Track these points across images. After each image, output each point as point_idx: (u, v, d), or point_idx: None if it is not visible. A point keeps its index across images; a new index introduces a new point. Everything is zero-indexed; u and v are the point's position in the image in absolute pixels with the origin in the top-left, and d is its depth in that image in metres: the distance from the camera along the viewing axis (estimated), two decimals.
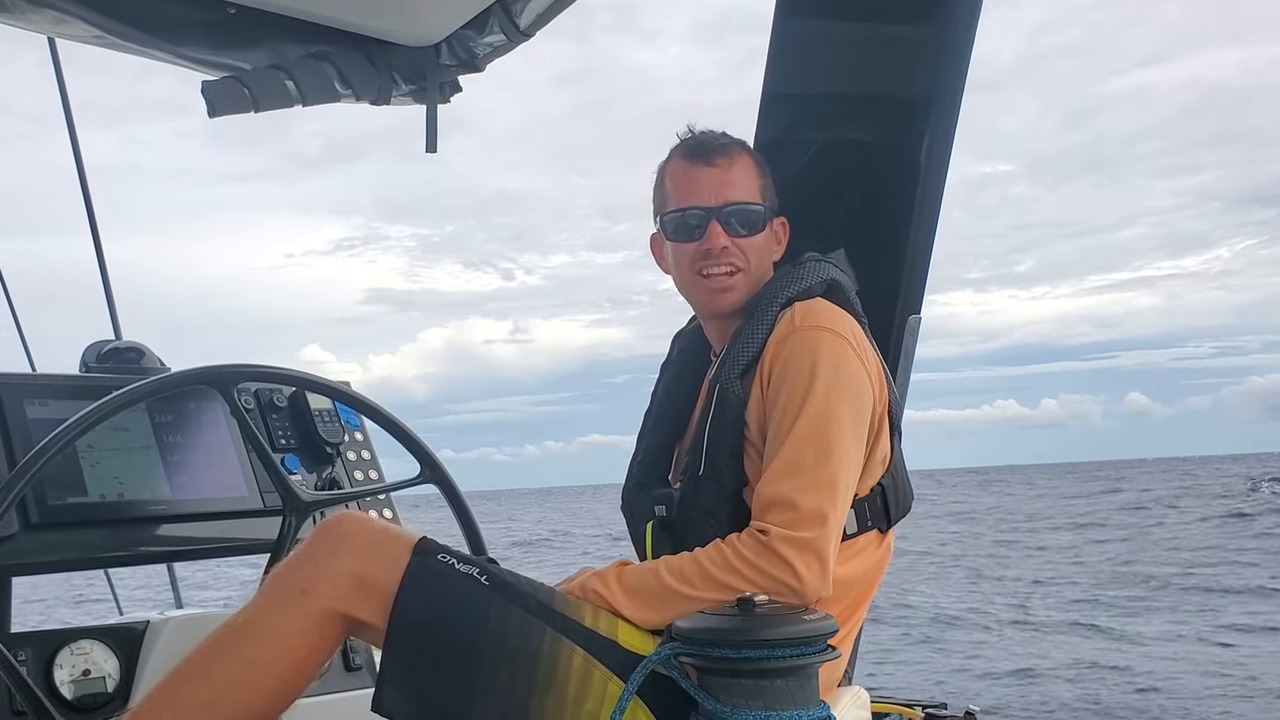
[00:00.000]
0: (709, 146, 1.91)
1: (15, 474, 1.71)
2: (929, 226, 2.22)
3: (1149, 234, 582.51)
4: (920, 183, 2.20)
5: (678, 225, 1.90)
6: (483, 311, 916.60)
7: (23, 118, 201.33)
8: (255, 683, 1.56)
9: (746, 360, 1.79)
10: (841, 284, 1.87)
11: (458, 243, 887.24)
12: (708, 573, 1.60)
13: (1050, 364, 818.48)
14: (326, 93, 2.49)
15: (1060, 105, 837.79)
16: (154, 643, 1.99)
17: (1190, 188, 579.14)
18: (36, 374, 2.28)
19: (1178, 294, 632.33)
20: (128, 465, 2.08)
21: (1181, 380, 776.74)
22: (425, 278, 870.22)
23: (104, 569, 2.65)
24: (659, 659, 1.48)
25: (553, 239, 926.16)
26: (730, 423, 1.77)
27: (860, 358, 1.76)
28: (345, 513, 1.69)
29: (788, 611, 1.46)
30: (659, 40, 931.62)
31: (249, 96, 2.38)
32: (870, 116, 2.30)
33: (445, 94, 2.65)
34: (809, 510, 1.62)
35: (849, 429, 1.70)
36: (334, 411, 2.37)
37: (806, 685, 1.44)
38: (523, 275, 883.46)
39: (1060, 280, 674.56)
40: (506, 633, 1.55)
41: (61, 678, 1.89)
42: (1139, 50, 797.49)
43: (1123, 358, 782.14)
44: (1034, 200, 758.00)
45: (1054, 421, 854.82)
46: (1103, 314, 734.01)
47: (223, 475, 2.19)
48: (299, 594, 1.58)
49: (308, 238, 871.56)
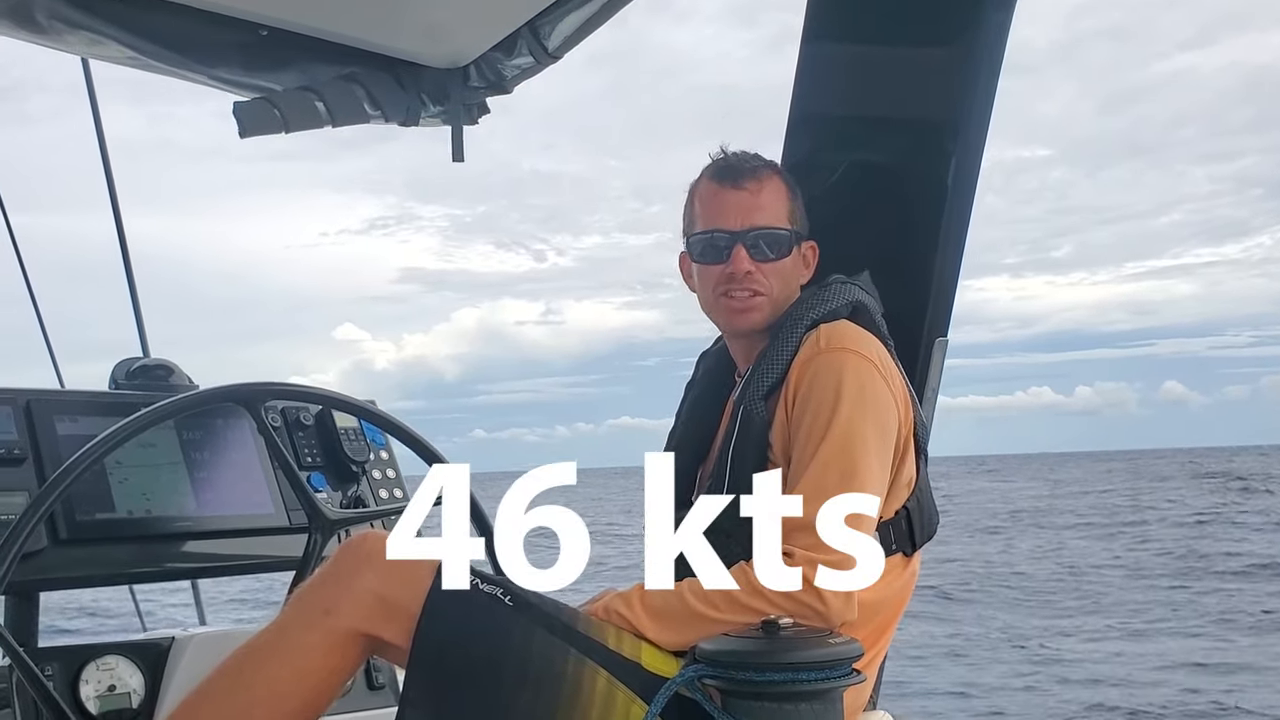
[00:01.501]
0: (738, 169, 1.91)
1: (45, 489, 1.73)
2: (956, 249, 2.21)
3: (1188, 220, 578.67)
4: (947, 205, 2.19)
5: (704, 248, 1.90)
6: (515, 292, 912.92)
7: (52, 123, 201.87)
8: (278, 702, 1.56)
9: (771, 382, 1.78)
10: (867, 306, 1.87)
11: (490, 223, 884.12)
12: (731, 595, 1.59)
13: (1086, 351, 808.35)
14: (356, 114, 2.51)
15: (1099, 89, 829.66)
16: (179, 659, 2.00)
17: (1231, 174, 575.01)
18: (66, 390, 2.31)
19: (1217, 281, 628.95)
20: (155, 482, 2.09)
21: (1219, 369, 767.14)
22: (458, 258, 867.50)
23: (129, 585, 2.67)
24: (682, 681, 1.47)
25: (585, 220, 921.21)
26: (754, 444, 1.77)
27: (885, 380, 1.75)
28: (369, 532, 1.70)
29: (813, 635, 1.45)
30: (693, 20, 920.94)
31: (279, 117, 2.41)
32: (897, 139, 2.30)
33: (473, 115, 2.67)
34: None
35: (874, 451, 1.69)
36: (360, 430, 2.38)
37: (831, 709, 1.43)
38: (555, 256, 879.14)
39: (1098, 266, 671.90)
40: (530, 654, 1.54)
41: (87, 693, 1.90)
42: (1181, 33, 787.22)
43: (1159, 345, 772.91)
44: (1072, 185, 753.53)
45: (1089, 409, 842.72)
46: (1140, 301, 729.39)
47: (249, 492, 2.21)
48: (322, 613, 1.58)
49: (342, 216, 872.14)
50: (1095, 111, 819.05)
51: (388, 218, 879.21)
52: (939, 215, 2.20)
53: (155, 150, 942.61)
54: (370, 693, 2.18)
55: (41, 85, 61.65)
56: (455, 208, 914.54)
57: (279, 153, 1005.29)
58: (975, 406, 65.47)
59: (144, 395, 2.15)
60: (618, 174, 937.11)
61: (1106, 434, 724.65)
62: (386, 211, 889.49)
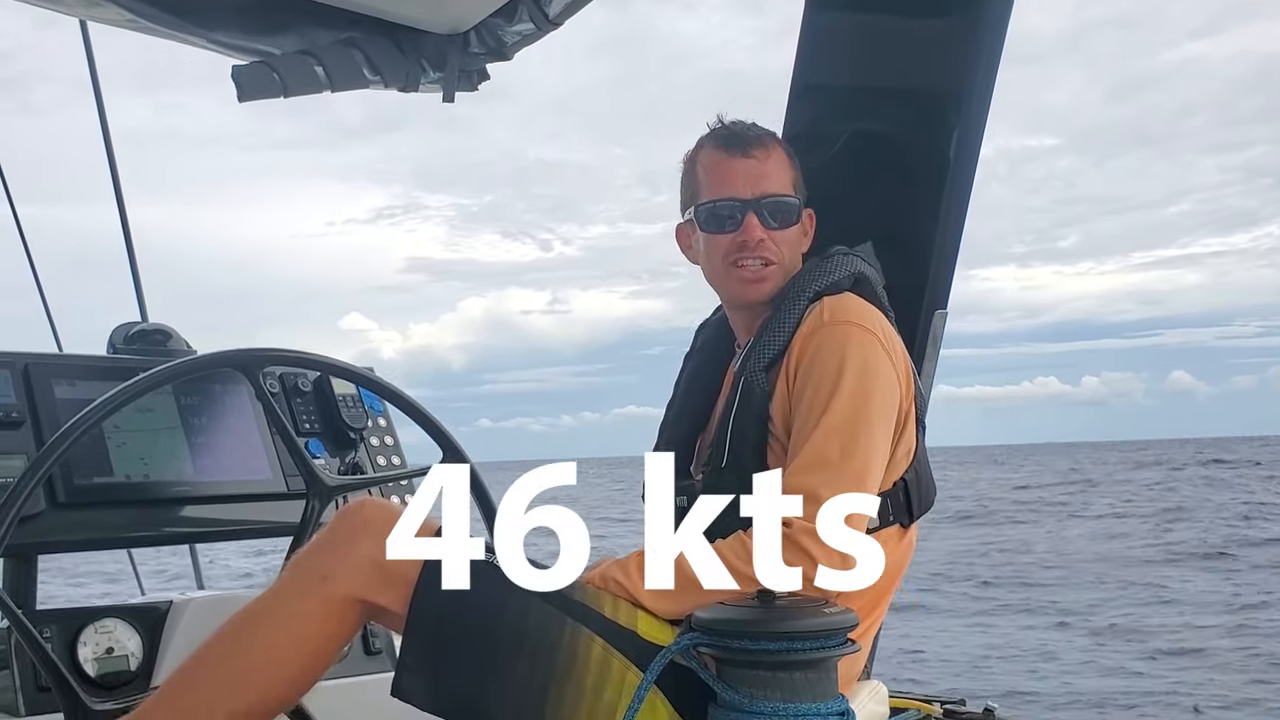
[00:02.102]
0: (744, 137, 1.90)
1: (43, 453, 1.73)
2: (957, 221, 2.21)
3: (1197, 210, 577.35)
4: (949, 177, 2.18)
5: (712, 217, 1.88)
6: (521, 282, 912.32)
7: (54, 87, 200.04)
8: (275, 667, 1.57)
9: (773, 353, 1.78)
10: (869, 278, 1.86)
11: (496, 212, 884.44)
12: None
13: (1093, 341, 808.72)
14: (355, 79, 2.50)
15: (1107, 78, 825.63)
16: (176, 622, 2.01)
17: (1240, 163, 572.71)
18: (64, 354, 2.30)
19: (1225, 271, 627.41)
20: (153, 446, 2.09)
21: (1226, 359, 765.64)
22: (464, 247, 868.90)
23: (127, 549, 2.68)
24: (678, 649, 1.48)
25: (591, 209, 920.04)
26: (754, 416, 1.77)
27: (888, 353, 1.75)
28: (366, 499, 1.70)
29: (808, 605, 1.46)
30: (699, 8, 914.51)
31: (278, 81, 2.39)
32: (899, 110, 2.29)
33: (473, 82, 2.66)
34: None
35: (876, 425, 1.70)
36: (358, 397, 2.38)
37: (825, 679, 1.44)
38: (561, 246, 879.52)
39: (1105, 256, 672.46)
40: (526, 622, 1.55)
41: (85, 655, 1.91)
42: (1190, 21, 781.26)
43: (1167, 335, 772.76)
44: (1079, 174, 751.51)
45: (1095, 399, 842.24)
46: (1148, 291, 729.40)
47: (247, 458, 2.21)
48: (319, 580, 1.59)
49: (348, 206, 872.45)
50: (1103, 100, 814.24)
51: (394, 207, 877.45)
52: (940, 187, 2.19)
53: (161, 140, 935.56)
54: (367, 657, 2.20)
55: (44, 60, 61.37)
56: (461, 197, 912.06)
57: (283, 141, 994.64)
58: (981, 396, 65.07)
59: (142, 360, 2.15)
60: (624, 163, 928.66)
61: (1115, 424, 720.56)
62: (393, 201, 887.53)
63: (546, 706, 1.52)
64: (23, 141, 45.17)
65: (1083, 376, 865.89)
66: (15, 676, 1.86)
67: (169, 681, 1.61)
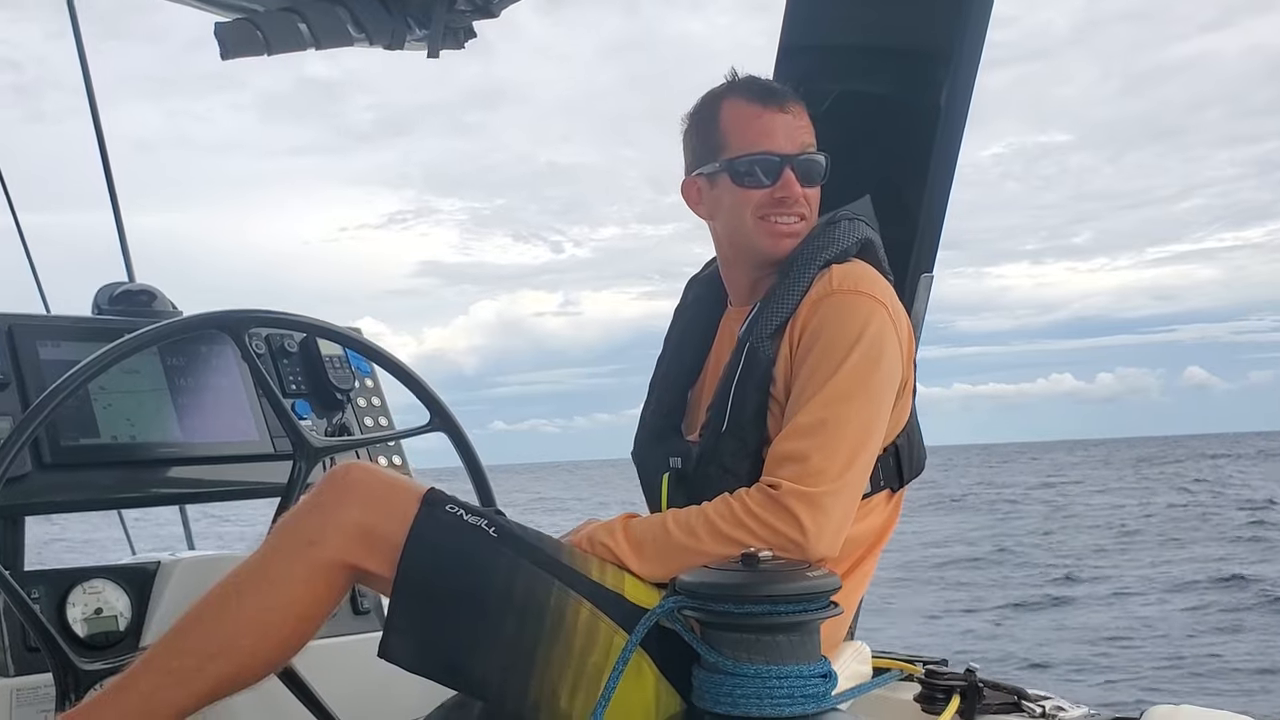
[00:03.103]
0: (778, 91, 1.87)
1: (28, 415, 1.73)
2: (944, 183, 2.19)
3: (1210, 204, 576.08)
4: (938, 137, 2.17)
5: (750, 170, 1.82)
6: (533, 284, 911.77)
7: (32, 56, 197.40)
8: (263, 630, 1.58)
9: (780, 320, 1.77)
10: (874, 243, 1.85)
11: (508, 215, 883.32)
12: (714, 526, 1.61)
13: (1108, 337, 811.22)
14: (339, 36, 2.47)
15: (1120, 73, 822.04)
16: (165, 582, 2.02)
17: (1254, 157, 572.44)
18: (50, 315, 2.30)
19: (1240, 266, 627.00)
20: (139, 408, 2.09)
21: (1242, 354, 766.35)
22: (476, 250, 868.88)
23: (117, 510, 2.68)
24: (663, 612, 1.49)
25: (602, 211, 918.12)
26: (757, 381, 1.76)
27: (894, 322, 1.74)
28: (353, 463, 1.70)
29: (791, 568, 1.46)
30: (707, 9, 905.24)
31: (261, 39, 2.36)
32: (888, 68, 2.27)
33: (460, 39, 2.63)
34: (822, 466, 1.61)
35: (876, 395, 1.69)
36: (345, 358, 2.37)
37: (809, 641, 1.46)
38: (572, 248, 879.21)
39: (1119, 252, 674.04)
40: (513, 585, 1.56)
41: (74, 615, 1.92)
42: (1202, 15, 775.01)
43: (1182, 331, 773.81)
44: (1092, 171, 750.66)
45: (1110, 396, 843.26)
46: (1162, 286, 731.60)
47: (233, 419, 2.21)
48: (306, 544, 1.59)
49: (360, 211, 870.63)
50: (1116, 95, 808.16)
51: (405, 212, 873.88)
52: (928, 147, 2.18)
53: (173, 147, 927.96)
54: (355, 617, 2.21)
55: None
56: (473, 200, 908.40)
57: (295, 148, 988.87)
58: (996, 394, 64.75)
59: (127, 321, 2.15)
60: (634, 164, 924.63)
61: (1130, 421, 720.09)
62: (405, 205, 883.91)
63: (534, 669, 1.54)
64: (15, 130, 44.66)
65: (1098, 373, 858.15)
66: (4, 637, 1.87)
67: (157, 645, 1.61)
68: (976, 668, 1.87)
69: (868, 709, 1.90)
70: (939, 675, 1.90)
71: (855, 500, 1.67)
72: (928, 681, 1.90)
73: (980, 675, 1.87)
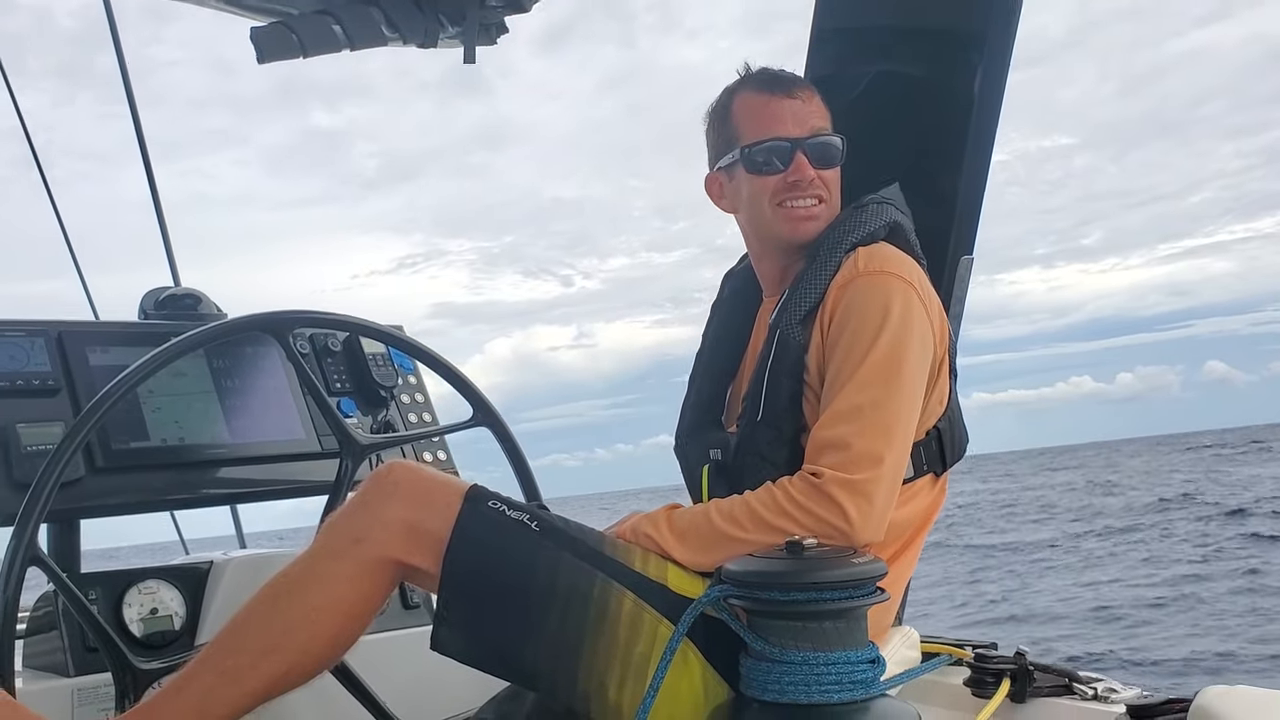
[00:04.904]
0: (785, 79, 1.89)
1: (80, 419, 1.76)
2: (982, 164, 2.18)
3: (1219, 197, 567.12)
4: (973, 118, 2.15)
5: (762, 157, 1.84)
6: (546, 319, 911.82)
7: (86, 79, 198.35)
8: (314, 627, 1.60)
9: (809, 305, 1.77)
10: (903, 226, 1.84)
11: (517, 252, 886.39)
12: (758, 515, 1.61)
13: (1124, 337, 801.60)
14: (373, 37, 2.48)
15: (1118, 72, 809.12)
16: (218, 582, 2.05)
17: (1259, 147, 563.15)
18: (97, 321, 2.33)
19: (1254, 257, 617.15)
20: (187, 410, 2.12)
21: (1262, 345, 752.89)
22: (487, 289, 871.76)
23: (169, 511, 2.72)
24: (708, 601, 1.49)
25: (610, 242, 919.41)
26: (790, 368, 1.76)
27: (924, 302, 1.73)
28: (397, 462, 1.72)
29: (836, 554, 1.46)
30: (705, 35, 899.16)
31: (297, 42, 2.39)
32: (921, 51, 2.25)
33: (491, 35, 2.63)
34: (864, 452, 1.61)
35: (910, 376, 1.69)
36: (387, 356, 2.39)
37: (856, 627, 1.45)
38: (582, 280, 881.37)
39: (1130, 251, 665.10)
40: (556, 578, 1.57)
41: (130, 616, 1.96)
42: (1197, 9, 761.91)
43: (1199, 326, 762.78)
44: (1098, 171, 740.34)
45: (1131, 395, 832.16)
46: (1176, 282, 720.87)
47: (280, 419, 2.24)
48: (353, 542, 1.61)
49: (370, 257, 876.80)
50: (1116, 95, 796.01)
51: (415, 255, 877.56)
52: (965, 128, 2.16)
53: (188, 205, 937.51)
54: (405, 612, 2.23)
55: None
56: (482, 240, 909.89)
57: (302, 199, 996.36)
58: (1016, 401, 63.42)
59: (173, 325, 2.18)
60: (640, 194, 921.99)
61: (1154, 419, 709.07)
62: (414, 249, 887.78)
63: (580, 661, 1.55)
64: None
65: (1117, 373, 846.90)
66: (64, 638, 1.91)
67: (211, 645, 1.64)
68: (1026, 650, 1.86)
69: (917, 694, 1.89)
70: (989, 659, 1.89)
71: (898, 483, 1.67)
72: (977, 665, 1.89)
73: (1030, 658, 1.86)
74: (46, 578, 1.76)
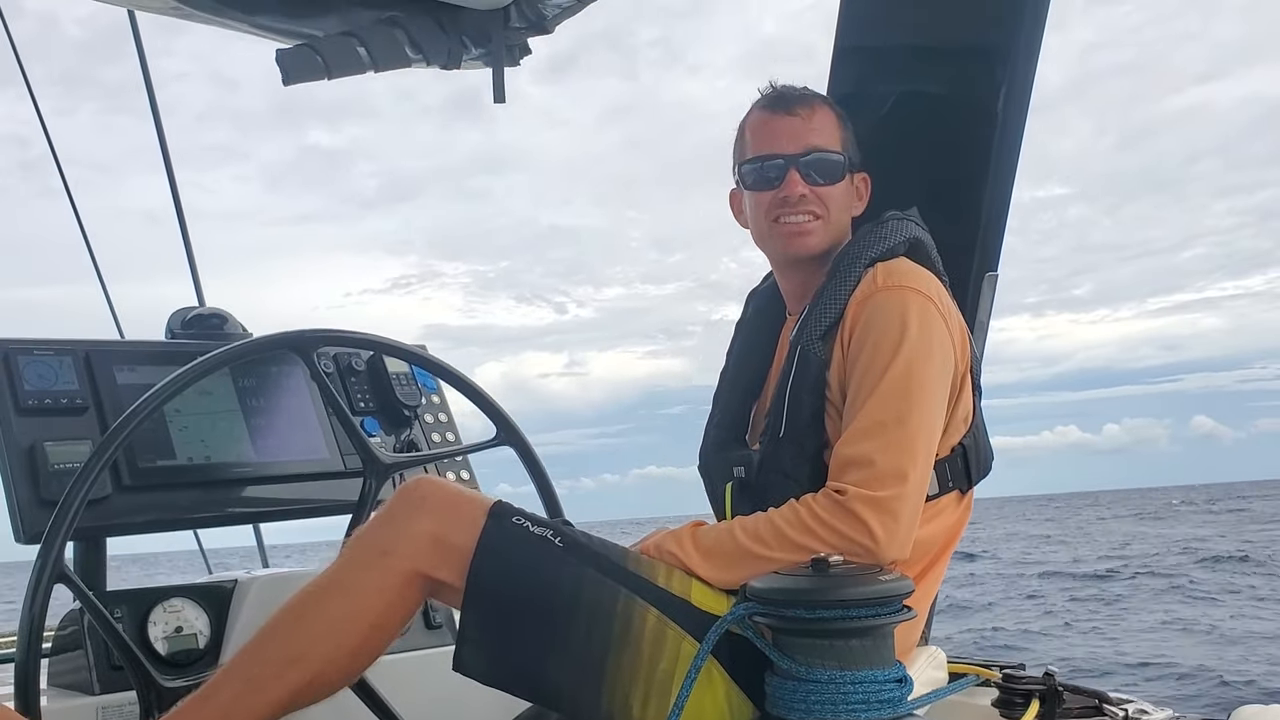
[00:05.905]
0: (788, 97, 1.91)
1: (107, 438, 1.77)
2: (1006, 180, 2.17)
3: (1210, 254, 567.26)
4: (997, 136, 2.15)
5: (756, 174, 1.88)
6: (537, 345, 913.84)
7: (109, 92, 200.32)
8: (339, 639, 1.60)
9: (829, 321, 1.77)
10: (924, 242, 1.85)
11: (512, 278, 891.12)
12: (782, 533, 1.60)
13: (1112, 388, 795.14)
14: (398, 58, 2.50)
15: (1116, 126, 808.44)
16: (242, 600, 2.06)
17: (1252, 206, 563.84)
18: (124, 340, 2.35)
19: (1242, 314, 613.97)
20: (213, 429, 2.13)
21: (1249, 402, 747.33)
22: (481, 313, 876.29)
23: (193, 529, 2.73)
24: (733, 619, 1.48)
25: (606, 272, 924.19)
26: (811, 384, 1.76)
27: (944, 317, 1.73)
28: (422, 477, 1.72)
29: (863, 572, 1.45)
30: (705, 72, 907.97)
31: (322, 64, 2.40)
32: (945, 69, 2.25)
33: (515, 56, 2.65)
34: (888, 469, 1.60)
35: (931, 390, 1.68)
36: (411, 375, 2.40)
37: (882, 645, 1.44)
38: (576, 309, 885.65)
39: (1120, 303, 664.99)
40: (580, 593, 1.56)
41: (155, 634, 1.96)
42: (1195, 66, 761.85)
43: (1187, 380, 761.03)
44: (1091, 223, 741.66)
45: (1117, 447, 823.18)
46: (1166, 336, 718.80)
47: (304, 438, 2.24)
48: (380, 554, 1.61)
49: (365, 277, 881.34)
50: (1112, 148, 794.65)
51: (410, 276, 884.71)
52: (989, 146, 2.16)
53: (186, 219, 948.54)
54: (428, 632, 2.23)
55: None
56: (477, 264, 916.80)
57: (299, 216, 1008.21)
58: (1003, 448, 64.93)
59: (199, 344, 2.19)
60: (636, 225, 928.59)
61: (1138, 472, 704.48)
62: (409, 270, 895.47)
63: (604, 678, 1.54)
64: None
65: (1104, 424, 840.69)
66: (89, 656, 1.91)
67: (237, 655, 1.64)
68: (1055, 671, 1.84)
69: (945, 715, 1.87)
70: (1017, 679, 1.87)
71: (921, 498, 1.66)
72: (1006, 686, 1.87)
73: (1060, 679, 1.83)
74: (72, 595, 1.77)
